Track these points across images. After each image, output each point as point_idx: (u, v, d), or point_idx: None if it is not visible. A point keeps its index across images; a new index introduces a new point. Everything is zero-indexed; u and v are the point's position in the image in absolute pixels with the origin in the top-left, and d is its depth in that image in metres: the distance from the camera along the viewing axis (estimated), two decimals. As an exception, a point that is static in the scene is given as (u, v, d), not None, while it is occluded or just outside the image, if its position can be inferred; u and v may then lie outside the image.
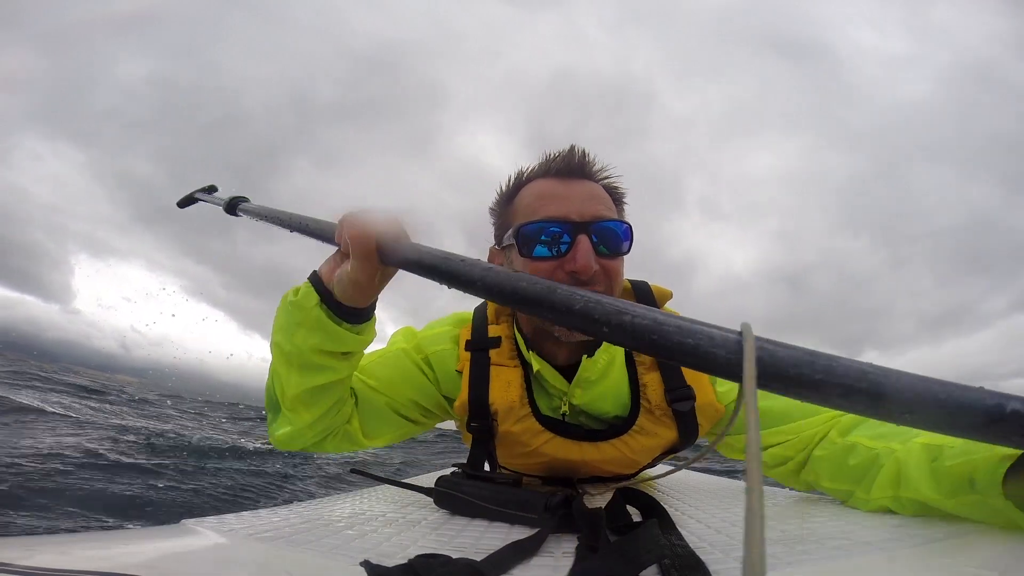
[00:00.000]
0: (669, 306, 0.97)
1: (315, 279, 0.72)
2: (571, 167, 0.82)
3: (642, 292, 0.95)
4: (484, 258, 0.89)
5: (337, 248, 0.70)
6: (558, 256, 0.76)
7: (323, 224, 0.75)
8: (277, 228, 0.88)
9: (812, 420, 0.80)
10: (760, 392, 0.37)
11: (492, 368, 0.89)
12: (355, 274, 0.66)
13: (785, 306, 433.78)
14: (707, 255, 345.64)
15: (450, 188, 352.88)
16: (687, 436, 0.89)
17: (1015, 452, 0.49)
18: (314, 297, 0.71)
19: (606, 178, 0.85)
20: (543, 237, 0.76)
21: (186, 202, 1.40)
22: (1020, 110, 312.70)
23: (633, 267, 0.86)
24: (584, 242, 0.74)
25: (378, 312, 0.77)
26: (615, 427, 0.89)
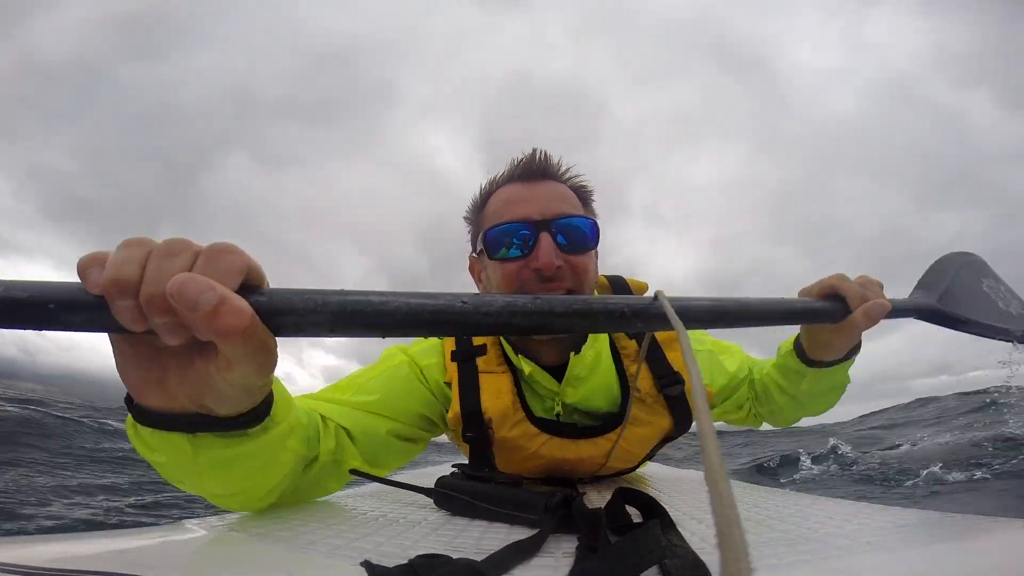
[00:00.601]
0: None
1: (154, 417, 0.44)
2: (533, 170, 0.84)
3: (618, 286, 1.01)
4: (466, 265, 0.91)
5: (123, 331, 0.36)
6: (523, 256, 0.78)
7: (75, 292, 0.35)
8: None
9: (745, 376, 1.04)
10: (715, 367, 0.97)
11: (481, 376, 0.89)
12: (247, 378, 0.40)
13: None
14: (648, 262, 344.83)
15: (400, 191, 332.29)
16: (681, 421, 0.91)
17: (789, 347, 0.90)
18: (180, 442, 0.46)
19: (570, 178, 0.87)
20: (507, 239, 0.78)
21: None
22: (933, 123, 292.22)
23: None
24: (545, 239, 0.76)
25: None
26: (609, 421, 0.89)
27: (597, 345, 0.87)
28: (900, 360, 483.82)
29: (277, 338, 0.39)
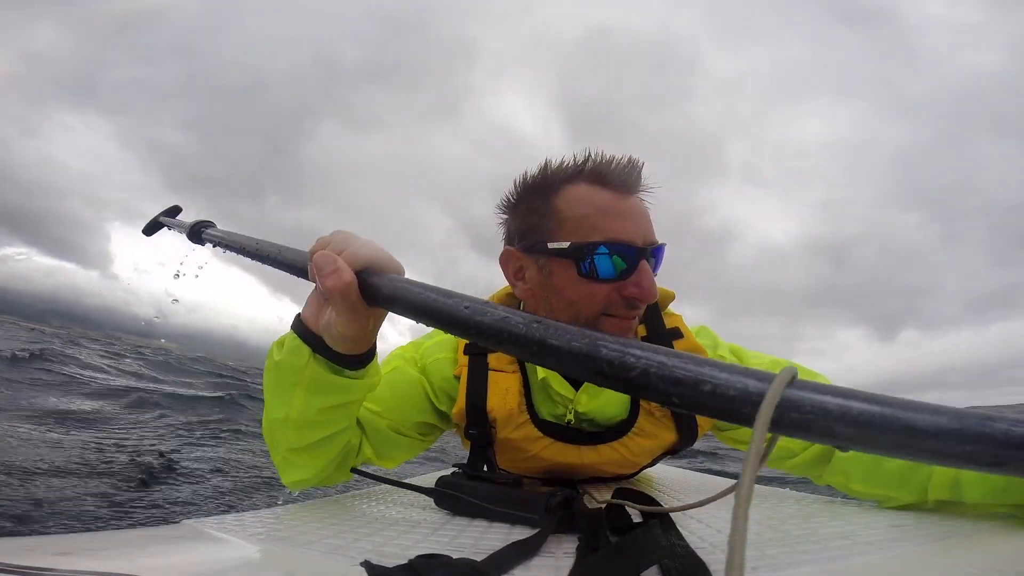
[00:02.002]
0: (672, 308, 0.97)
1: (300, 328, 0.64)
2: (630, 183, 0.76)
3: None
4: (496, 259, 0.87)
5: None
6: (619, 279, 0.72)
7: (293, 255, 0.66)
8: (249, 256, 0.80)
9: None
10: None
11: (490, 374, 0.88)
12: (343, 328, 0.59)
13: (825, 279, 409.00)
14: (746, 224, 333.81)
15: (479, 152, 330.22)
16: (687, 437, 0.89)
17: None
18: (305, 351, 0.63)
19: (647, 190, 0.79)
20: (608, 259, 0.72)
21: (151, 228, 1.32)
22: None
23: (666, 235, 0.82)
24: (647, 268, 0.73)
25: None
26: (614, 429, 0.89)
27: None
28: None
29: (370, 308, 0.57)
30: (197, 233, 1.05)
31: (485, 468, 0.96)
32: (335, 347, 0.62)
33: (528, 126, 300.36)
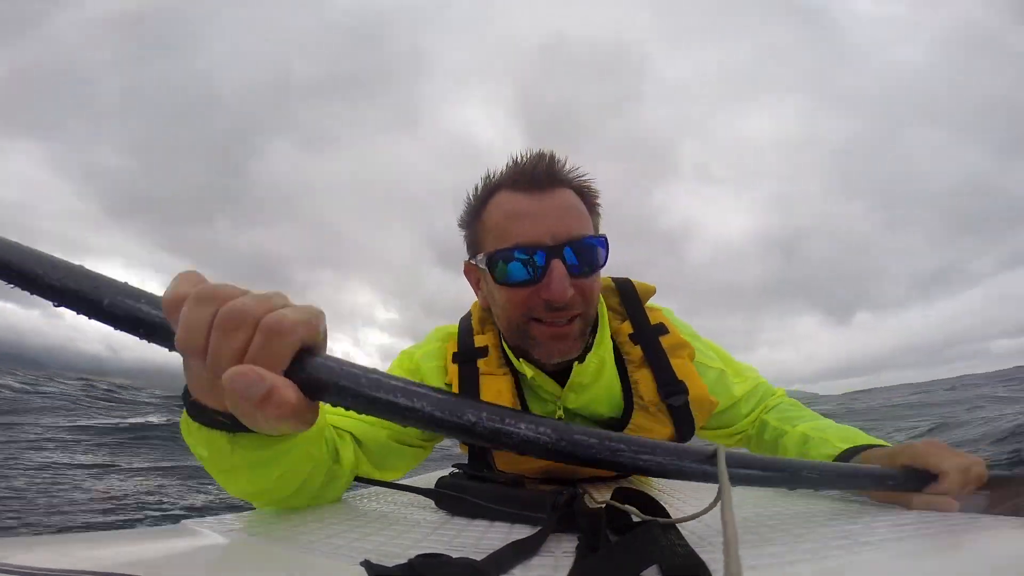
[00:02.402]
0: (653, 302, 0.97)
1: (199, 413, 0.48)
2: (538, 178, 0.75)
3: (625, 291, 0.96)
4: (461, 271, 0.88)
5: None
6: (532, 282, 0.73)
7: (133, 306, 0.40)
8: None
9: (754, 412, 0.99)
10: (720, 388, 0.92)
11: (481, 378, 0.88)
12: (275, 425, 0.40)
13: (779, 272, 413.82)
14: (701, 223, 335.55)
15: (440, 164, 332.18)
16: (684, 430, 0.90)
17: (842, 451, 0.81)
18: (219, 439, 0.50)
19: (577, 180, 0.80)
20: (516, 264, 0.73)
21: None
22: (1015, 74, 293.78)
23: (627, 237, 0.84)
24: (558, 268, 0.71)
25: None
26: (610, 427, 0.89)
27: (600, 352, 0.86)
28: (979, 320, 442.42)
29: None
30: None
31: (486, 470, 0.96)
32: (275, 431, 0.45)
33: (488, 135, 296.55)
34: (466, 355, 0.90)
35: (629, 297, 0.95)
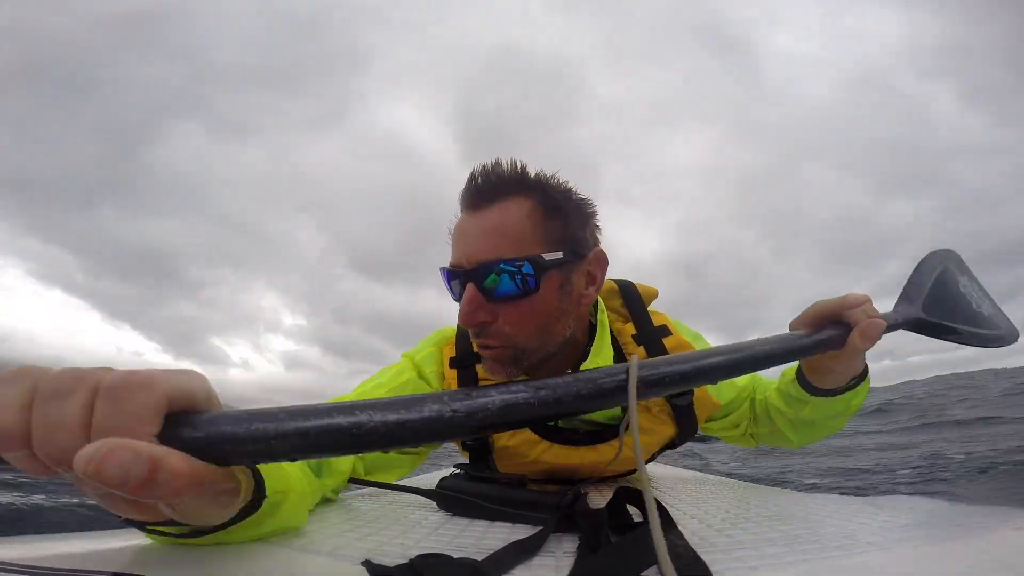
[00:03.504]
0: (655, 306, 0.97)
1: (148, 530, 0.43)
2: (474, 194, 0.71)
3: (628, 293, 0.95)
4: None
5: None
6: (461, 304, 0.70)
7: None
8: None
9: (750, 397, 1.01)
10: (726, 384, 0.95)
11: (481, 384, 0.87)
12: (203, 515, 0.36)
13: (685, 294, 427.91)
14: (618, 244, 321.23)
15: (364, 164, 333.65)
16: (686, 430, 0.90)
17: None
18: (206, 540, 0.45)
19: (529, 188, 0.71)
20: (448, 285, 0.73)
21: None
22: (899, 113, 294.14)
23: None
24: (469, 291, 0.67)
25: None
26: (612, 427, 0.89)
27: (600, 356, 0.84)
28: None
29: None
30: None
31: (487, 470, 0.95)
32: (211, 524, 0.40)
33: (421, 137, 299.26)
34: (464, 360, 0.89)
35: (632, 299, 0.94)
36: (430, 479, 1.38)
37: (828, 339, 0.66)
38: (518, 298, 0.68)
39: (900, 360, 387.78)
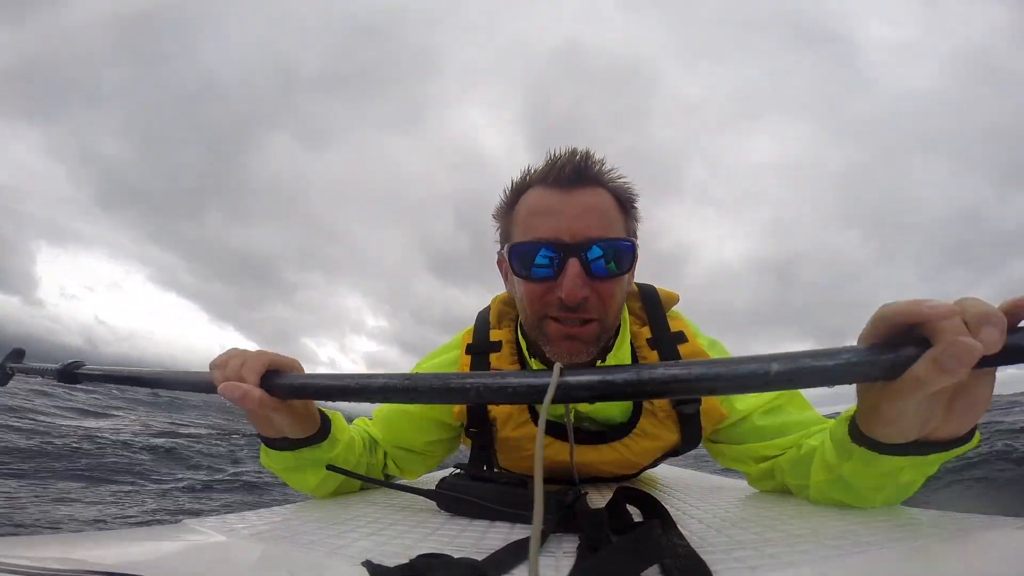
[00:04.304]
0: (676, 309, 0.97)
1: (270, 443, 0.77)
2: (568, 175, 0.74)
3: (648, 296, 0.95)
4: (495, 260, 0.88)
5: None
6: (549, 279, 0.72)
7: (196, 378, 0.74)
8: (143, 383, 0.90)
9: (794, 436, 0.82)
10: (764, 408, 0.86)
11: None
12: (285, 422, 0.72)
13: (772, 297, 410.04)
14: (698, 245, 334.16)
15: (440, 168, 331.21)
16: (690, 438, 0.89)
17: (849, 413, 0.60)
18: (289, 456, 0.77)
19: (612, 181, 0.77)
20: (534, 259, 0.72)
21: (1, 379, 1.15)
22: (1017, 103, 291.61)
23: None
24: (573, 267, 0.69)
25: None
26: (616, 429, 0.89)
27: (619, 355, 0.84)
28: None
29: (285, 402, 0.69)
30: (70, 376, 0.97)
31: (486, 468, 0.95)
32: (296, 435, 0.75)
33: (492, 142, 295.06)
34: (479, 347, 0.91)
35: (651, 303, 0.93)
36: (431, 479, 1.38)
37: (861, 362, 0.44)
38: (611, 278, 0.72)
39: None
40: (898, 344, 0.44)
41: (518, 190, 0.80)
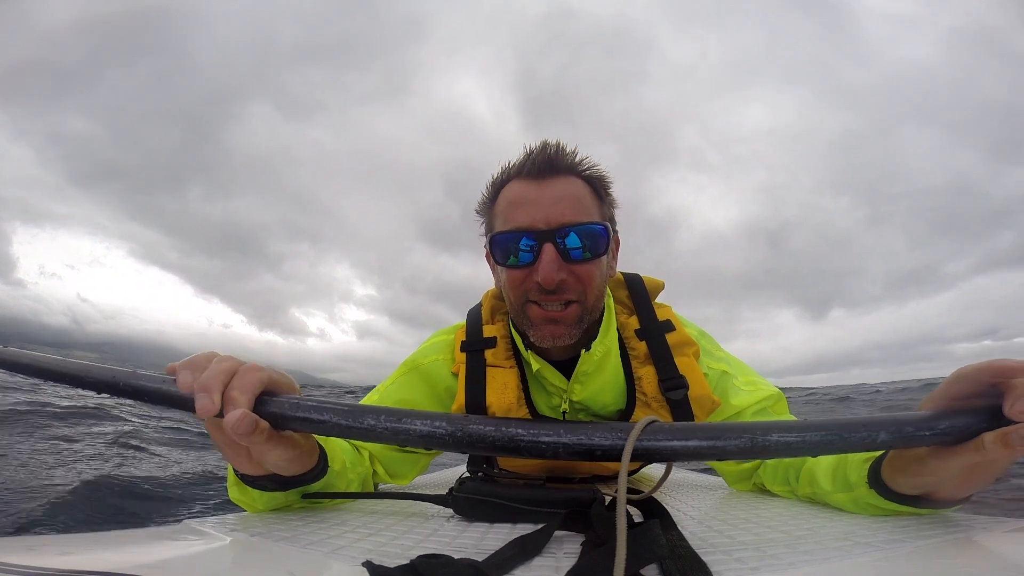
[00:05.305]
0: (661, 299, 0.97)
1: (254, 482, 0.62)
2: (541, 166, 0.79)
3: (634, 285, 0.97)
4: (483, 255, 0.89)
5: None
6: (528, 264, 0.77)
7: (148, 382, 0.55)
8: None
9: None
10: (719, 391, 0.90)
11: (488, 370, 0.89)
12: (283, 457, 0.56)
13: (762, 262, 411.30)
14: (690, 211, 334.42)
15: (429, 137, 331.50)
16: None
17: (876, 453, 0.59)
18: (279, 496, 0.65)
19: (586, 170, 0.82)
20: (512, 247, 0.77)
21: None
22: (1015, 79, 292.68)
23: (620, 222, 0.88)
24: (548, 251, 0.74)
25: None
26: (615, 420, 0.89)
27: (607, 342, 0.86)
28: (946, 321, 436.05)
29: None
30: None
31: (485, 466, 0.95)
32: (291, 472, 0.61)
33: (482, 109, 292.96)
34: (474, 344, 0.92)
35: (638, 292, 0.96)
36: (431, 479, 1.38)
37: (953, 429, 0.45)
38: (588, 260, 0.77)
39: (1004, 340, 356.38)
40: (971, 411, 0.46)
41: (498, 185, 0.85)
